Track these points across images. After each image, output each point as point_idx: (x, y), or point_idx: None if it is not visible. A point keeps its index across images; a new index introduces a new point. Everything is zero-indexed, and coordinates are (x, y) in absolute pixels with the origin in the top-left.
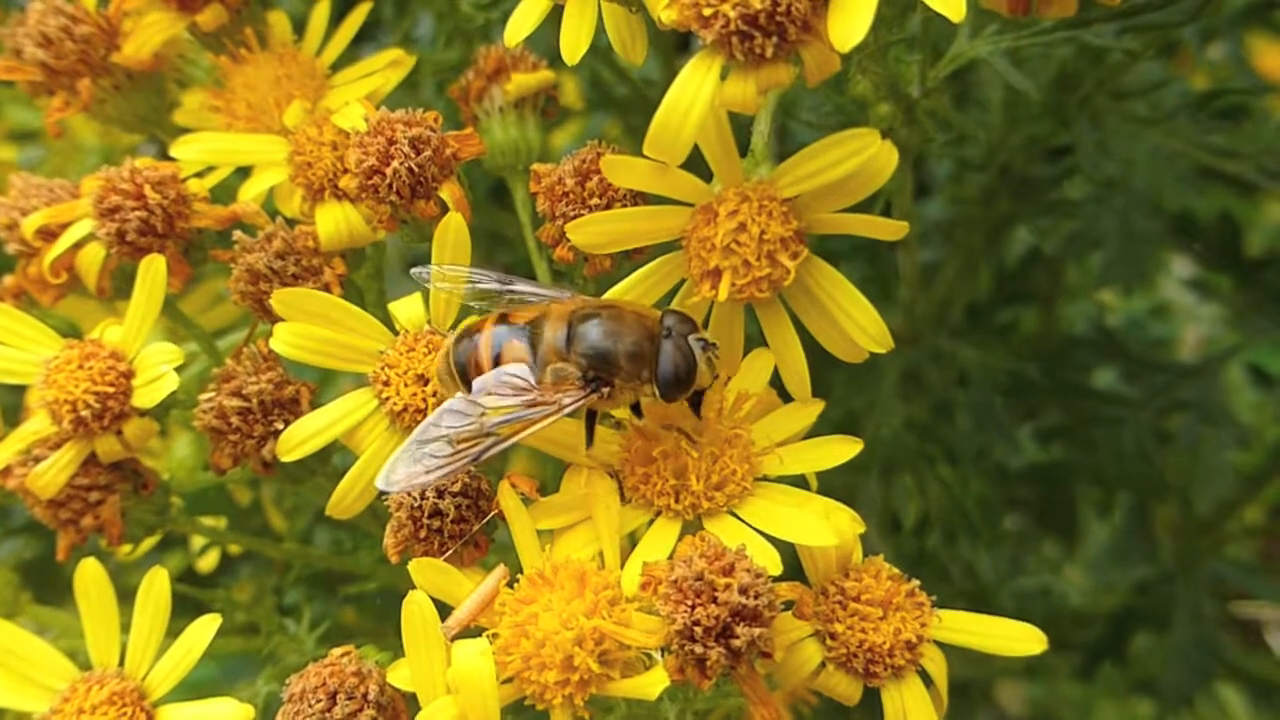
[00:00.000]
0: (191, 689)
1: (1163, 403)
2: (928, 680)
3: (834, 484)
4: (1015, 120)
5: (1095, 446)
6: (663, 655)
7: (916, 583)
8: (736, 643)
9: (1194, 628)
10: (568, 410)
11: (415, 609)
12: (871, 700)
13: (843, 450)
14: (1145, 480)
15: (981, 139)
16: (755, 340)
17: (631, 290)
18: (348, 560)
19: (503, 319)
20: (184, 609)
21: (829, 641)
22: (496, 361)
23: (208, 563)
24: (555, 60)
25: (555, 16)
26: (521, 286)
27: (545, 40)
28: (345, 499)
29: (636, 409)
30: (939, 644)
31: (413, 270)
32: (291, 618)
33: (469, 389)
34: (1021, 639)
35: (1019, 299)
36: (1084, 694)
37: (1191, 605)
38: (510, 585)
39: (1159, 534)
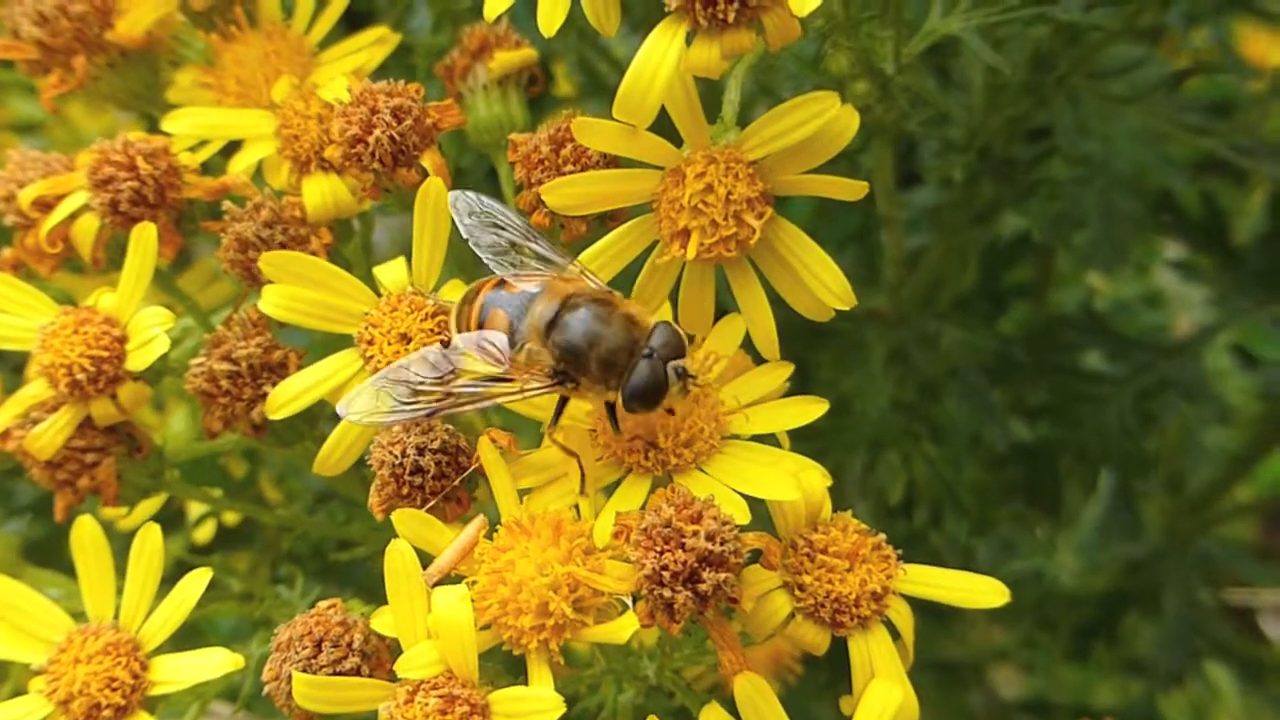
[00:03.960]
0: None
1: (1145, 381)
2: (895, 634)
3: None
4: (995, 101)
5: (1079, 424)
6: (634, 603)
7: (882, 536)
8: (703, 587)
9: (1184, 608)
10: (528, 396)
11: (398, 557)
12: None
13: (808, 410)
14: (1128, 456)
15: (962, 119)
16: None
17: (605, 251)
18: (340, 529)
19: (501, 284)
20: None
21: (797, 592)
22: (481, 326)
23: (204, 534)
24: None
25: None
26: (539, 247)
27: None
28: (332, 455)
29: (613, 408)
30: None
31: (451, 193)
32: (285, 584)
33: None
34: (983, 592)
35: (1009, 293)
36: (1082, 678)
37: (1181, 585)
38: (489, 537)
39: (1148, 514)
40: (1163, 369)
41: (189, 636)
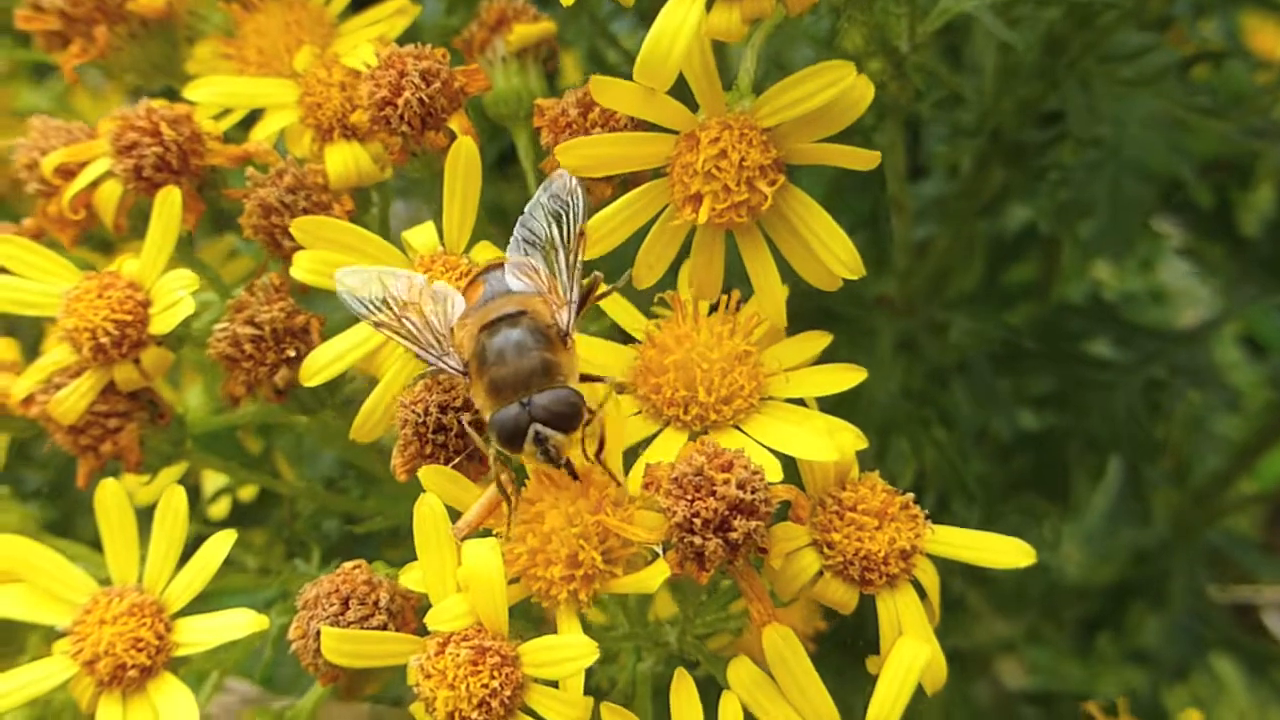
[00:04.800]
0: None
1: (1154, 368)
2: (922, 593)
3: None
4: (1007, 84)
5: (1088, 411)
6: (664, 552)
7: (910, 496)
8: (734, 535)
9: (1190, 599)
10: (439, 367)
11: (427, 511)
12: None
13: (847, 377)
14: (1136, 442)
15: (973, 102)
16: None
17: (618, 214)
18: (356, 504)
19: (501, 267)
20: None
21: (826, 550)
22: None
23: (219, 510)
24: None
25: None
26: (565, 262)
27: None
28: (368, 421)
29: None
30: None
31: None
32: (301, 558)
33: None
34: (1009, 552)
35: (1014, 292)
36: (1086, 674)
37: (1187, 577)
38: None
39: (1155, 505)
40: (1172, 356)
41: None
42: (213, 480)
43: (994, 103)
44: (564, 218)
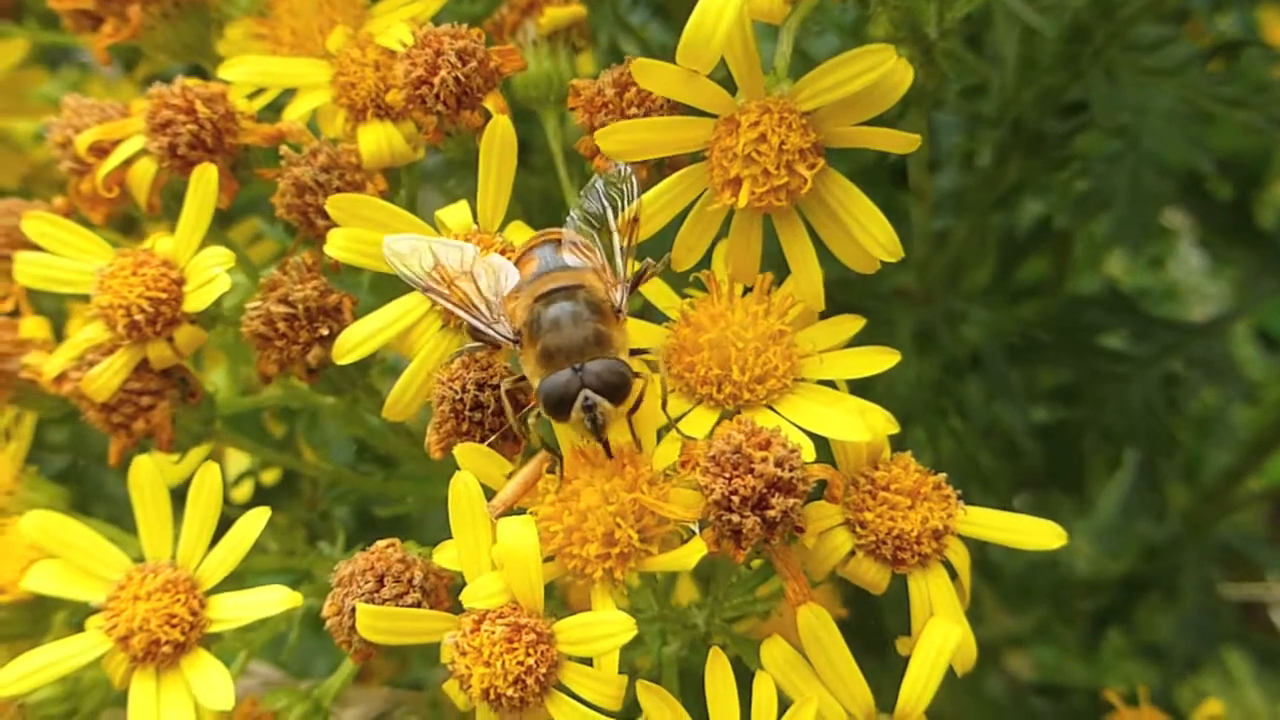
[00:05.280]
0: None
1: (1171, 362)
2: (953, 574)
3: None
4: (1029, 75)
5: (1103, 404)
6: (700, 531)
7: (943, 476)
8: (771, 513)
9: (1201, 595)
10: (490, 334)
11: (462, 488)
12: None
13: (881, 360)
14: (1153, 435)
15: (995, 85)
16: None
17: (657, 200)
18: (379, 485)
19: (557, 245)
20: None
21: (858, 530)
22: (515, 265)
23: (241, 494)
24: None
25: None
26: (618, 244)
27: None
28: (401, 399)
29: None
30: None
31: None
32: (325, 540)
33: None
34: (1042, 534)
35: (1025, 290)
36: (1093, 673)
37: (1198, 572)
38: (551, 472)
39: (1168, 497)
40: (1188, 349)
41: None
42: (235, 464)
43: (1015, 93)
44: (619, 202)
